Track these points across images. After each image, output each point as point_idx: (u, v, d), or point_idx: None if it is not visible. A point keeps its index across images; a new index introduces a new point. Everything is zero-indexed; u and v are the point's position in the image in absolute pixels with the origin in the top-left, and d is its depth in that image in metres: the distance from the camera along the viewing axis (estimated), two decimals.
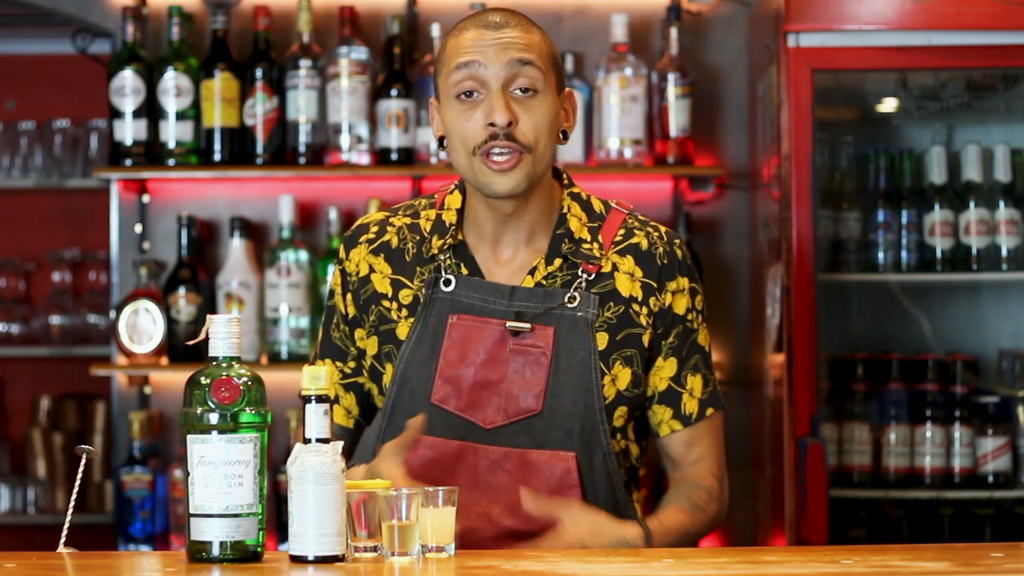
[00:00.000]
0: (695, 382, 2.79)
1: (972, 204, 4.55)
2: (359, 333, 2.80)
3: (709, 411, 2.80)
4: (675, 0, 4.82)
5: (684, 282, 2.77)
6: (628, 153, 4.75)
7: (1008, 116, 4.76)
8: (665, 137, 4.76)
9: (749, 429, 4.84)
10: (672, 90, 4.76)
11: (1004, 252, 4.54)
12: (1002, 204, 4.56)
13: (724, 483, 2.84)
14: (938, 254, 4.56)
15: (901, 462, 4.53)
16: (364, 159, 4.76)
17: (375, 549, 2.36)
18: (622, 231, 2.78)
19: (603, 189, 4.88)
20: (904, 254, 4.56)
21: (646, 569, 2.32)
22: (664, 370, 2.77)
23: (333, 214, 4.85)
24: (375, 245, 2.81)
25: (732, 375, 4.88)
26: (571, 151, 4.79)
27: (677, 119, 4.76)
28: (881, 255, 4.57)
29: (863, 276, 4.60)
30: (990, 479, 4.51)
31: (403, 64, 4.79)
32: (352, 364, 2.81)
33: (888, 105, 4.81)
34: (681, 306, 2.77)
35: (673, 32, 4.79)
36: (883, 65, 4.31)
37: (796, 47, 4.24)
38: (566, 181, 2.81)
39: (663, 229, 2.81)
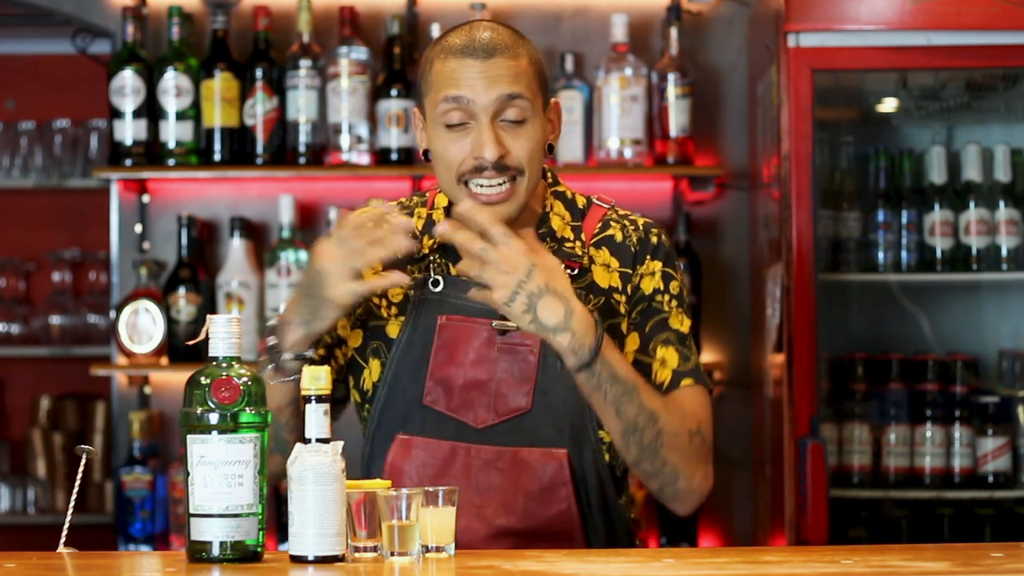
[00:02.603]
0: (667, 353, 2.71)
1: (972, 204, 4.55)
2: (341, 322, 2.76)
3: (687, 381, 2.70)
4: (675, 0, 4.82)
5: (655, 265, 2.74)
6: (628, 153, 4.75)
7: (1008, 116, 4.76)
8: (665, 137, 4.76)
9: (749, 429, 4.84)
10: (672, 90, 4.75)
11: (1004, 252, 4.54)
12: (1002, 204, 4.55)
13: (707, 453, 2.69)
14: (938, 254, 4.56)
15: (901, 462, 4.52)
16: (364, 159, 4.75)
17: (375, 549, 2.36)
18: (600, 225, 2.78)
19: (603, 189, 4.85)
20: (904, 254, 4.56)
21: (646, 569, 2.32)
22: (628, 346, 2.72)
23: (333, 214, 4.84)
24: None
25: (732, 375, 4.88)
26: (571, 151, 4.79)
27: (677, 119, 4.76)
28: (881, 255, 4.57)
29: (863, 276, 4.60)
30: (990, 479, 4.51)
31: (403, 64, 4.78)
32: (321, 351, 2.76)
33: (888, 105, 4.81)
34: (648, 286, 2.74)
35: (673, 32, 4.79)
36: (883, 65, 4.31)
37: (796, 47, 4.24)
38: (550, 180, 2.81)
39: (641, 221, 2.79)
